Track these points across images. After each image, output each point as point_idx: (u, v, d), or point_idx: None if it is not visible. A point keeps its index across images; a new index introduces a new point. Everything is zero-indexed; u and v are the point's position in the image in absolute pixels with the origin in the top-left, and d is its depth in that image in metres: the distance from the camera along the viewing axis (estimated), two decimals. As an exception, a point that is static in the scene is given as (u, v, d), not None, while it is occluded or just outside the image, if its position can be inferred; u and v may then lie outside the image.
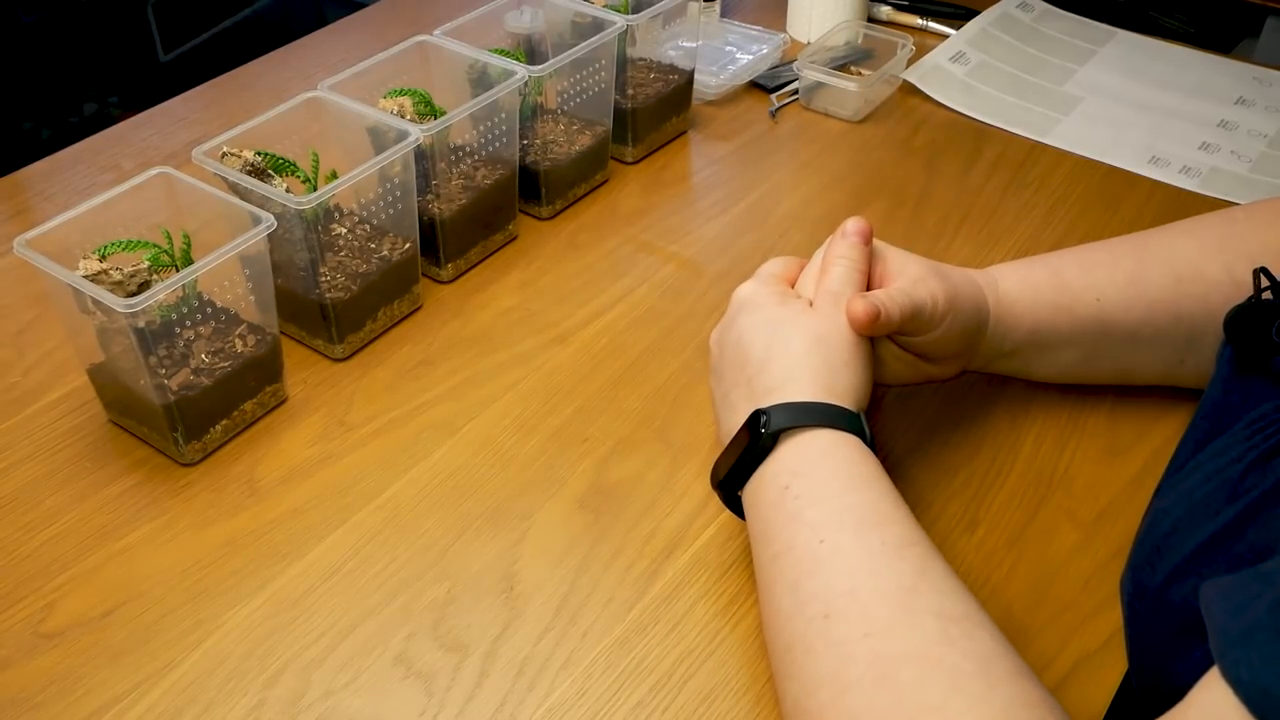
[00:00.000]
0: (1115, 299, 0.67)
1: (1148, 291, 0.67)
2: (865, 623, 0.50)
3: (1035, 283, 0.68)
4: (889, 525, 0.54)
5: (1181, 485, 0.54)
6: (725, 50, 1.11)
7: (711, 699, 0.57)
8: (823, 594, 0.52)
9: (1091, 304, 0.67)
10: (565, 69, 0.87)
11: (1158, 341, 0.68)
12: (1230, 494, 0.50)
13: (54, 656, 0.59)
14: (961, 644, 0.49)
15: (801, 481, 0.56)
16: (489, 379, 0.76)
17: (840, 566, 0.53)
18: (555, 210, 0.92)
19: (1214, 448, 0.53)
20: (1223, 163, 0.97)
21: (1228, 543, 0.49)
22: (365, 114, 0.79)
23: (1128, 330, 0.68)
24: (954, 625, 0.50)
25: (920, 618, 0.50)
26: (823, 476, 0.56)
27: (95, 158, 0.97)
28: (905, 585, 0.51)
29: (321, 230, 0.76)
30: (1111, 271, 0.68)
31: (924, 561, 0.53)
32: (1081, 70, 1.11)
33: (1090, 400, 0.74)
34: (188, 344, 0.70)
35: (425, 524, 0.66)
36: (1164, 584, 0.51)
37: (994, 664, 0.48)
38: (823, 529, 0.54)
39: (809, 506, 0.55)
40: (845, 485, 0.56)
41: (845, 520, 0.54)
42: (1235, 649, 0.39)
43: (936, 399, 0.74)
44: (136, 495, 0.68)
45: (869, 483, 0.56)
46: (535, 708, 0.57)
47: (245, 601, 0.62)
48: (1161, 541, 0.52)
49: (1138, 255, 0.69)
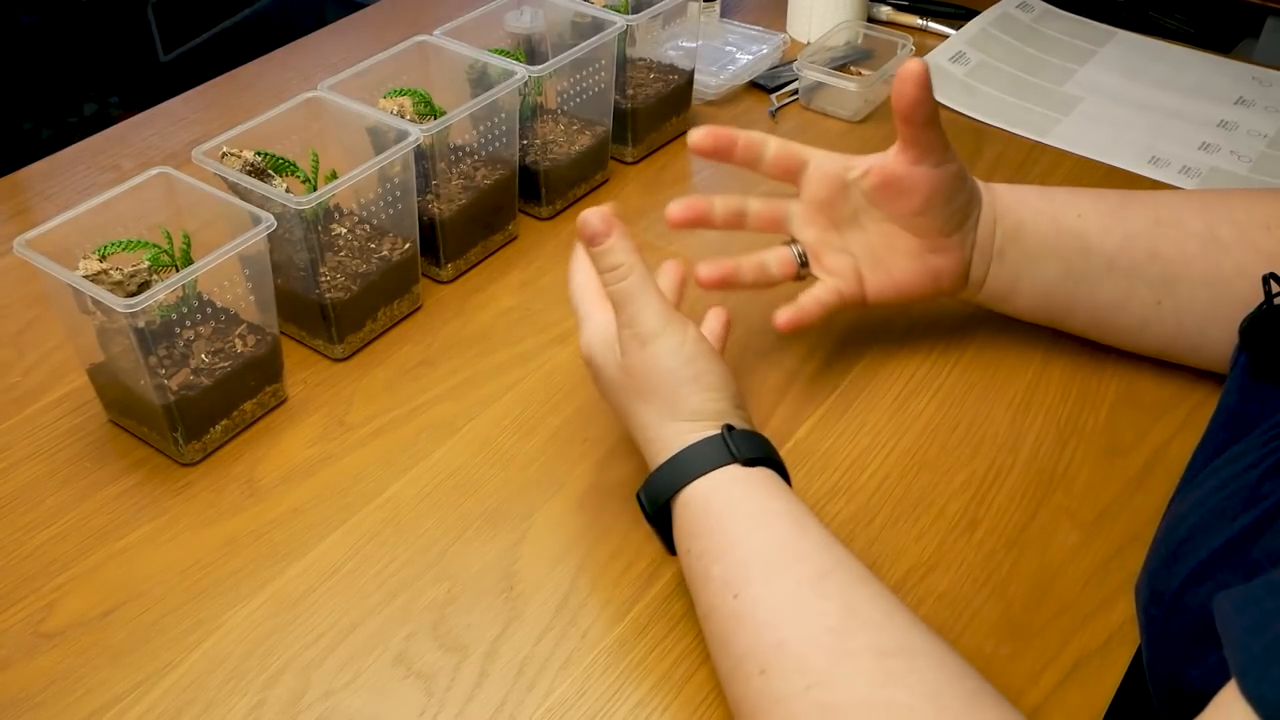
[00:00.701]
0: (1096, 220, 0.70)
1: (1127, 223, 0.70)
2: (804, 675, 0.49)
3: (1020, 190, 0.72)
4: (799, 562, 0.53)
5: (1198, 492, 0.54)
6: (725, 50, 1.11)
7: (711, 699, 0.57)
8: (753, 650, 0.51)
9: (1073, 218, 0.70)
10: (565, 69, 0.87)
11: (1133, 274, 0.69)
12: (1247, 500, 0.50)
13: (54, 656, 0.59)
14: (907, 680, 0.48)
15: (699, 541, 0.55)
16: (489, 379, 0.76)
17: (762, 618, 0.51)
18: (555, 210, 0.92)
19: (1231, 454, 0.53)
20: (1223, 163, 0.97)
21: (1244, 549, 0.48)
22: (365, 114, 0.79)
23: (1106, 255, 0.69)
24: (895, 661, 0.48)
25: (858, 660, 0.48)
26: (716, 530, 0.55)
27: (95, 158, 0.97)
28: (833, 625, 0.50)
29: (321, 230, 0.76)
30: (1096, 200, 0.71)
31: (847, 592, 0.51)
32: (1081, 70, 1.11)
33: (1090, 400, 0.74)
34: (188, 344, 0.70)
35: (425, 524, 0.66)
36: (1180, 589, 0.51)
37: (944, 695, 0.47)
38: (733, 583, 0.52)
39: (713, 563, 0.54)
40: (739, 533, 0.54)
41: (751, 569, 0.53)
42: (1257, 667, 0.39)
43: (936, 400, 0.74)
44: (136, 495, 0.68)
45: (762, 518, 0.55)
46: (535, 708, 0.57)
47: (245, 601, 0.62)
48: (1178, 547, 0.52)
49: (1123, 196, 0.72)
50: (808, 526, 0.54)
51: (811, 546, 0.53)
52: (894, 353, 0.78)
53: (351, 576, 0.63)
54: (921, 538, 0.65)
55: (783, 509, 0.55)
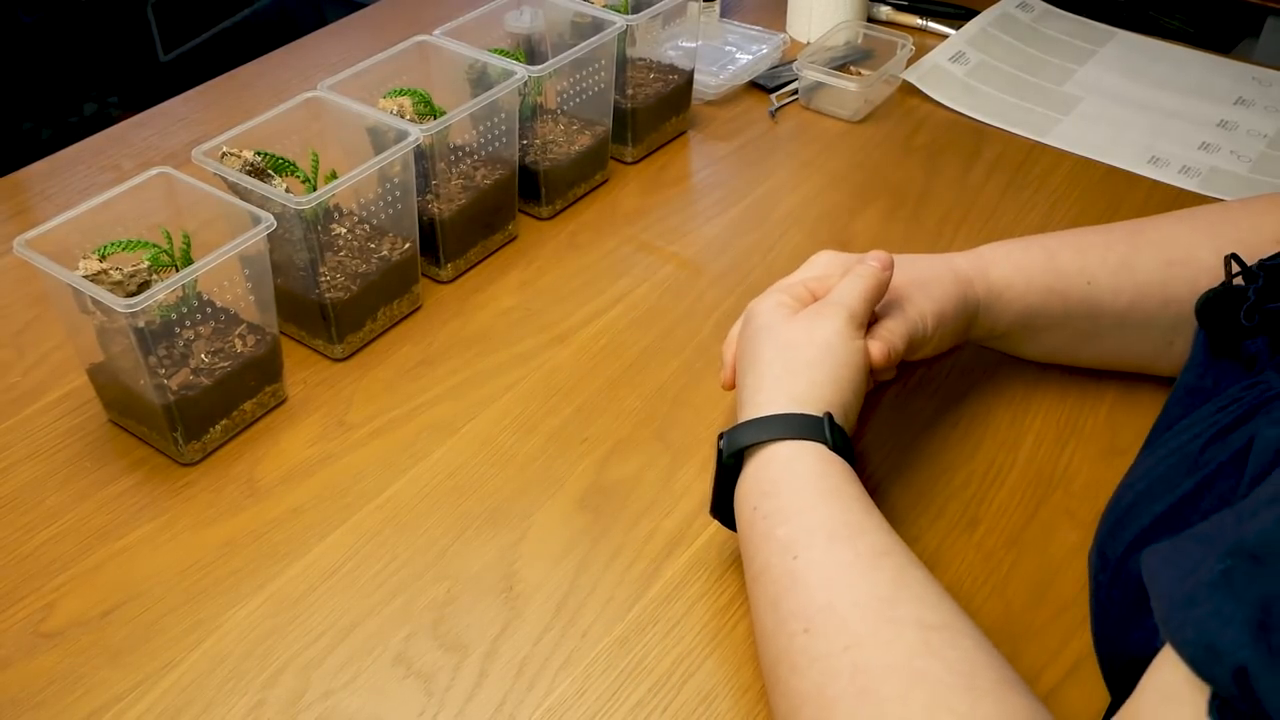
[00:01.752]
0: (1106, 283, 0.68)
1: (1138, 275, 0.68)
2: (844, 636, 0.50)
3: (1028, 267, 0.69)
4: (861, 536, 0.54)
5: (1147, 462, 0.54)
6: (725, 50, 1.11)
7: (711, 699, 0.57)
8: (801, 610, 0.52)
9: (1082, 287, 0.68)
10: (565, 69, 0.87)
11: (1146, 325, 0.69)
12: (1190, 468, 0.50)
13: (54, 656, 0.59)
14: (945, 654, 0.48)
15: (769, 500, 0.56)
16: (489, 379, 0.76)
17: (815, 581, 0.52)
18: (555, 210, 0.92)
19: (1181, 426, 0.54)
20: (1222, 163, 0.97)
21: (1184, 513, 0.49)
22: (365, 114, 0.79)
23: (1117, 314, 0.69)
24: (936, 634, 0.49)
25: (901, 628, 0.49)
26: (789, 492, 0.56)
27: (95, 158, 0.97)
28: (883, 595, 0.51)
29: (321, 230, 0.76)
30: (1104, 255, 0.69)
31: (901, 571, 0.52)
32: (1081, 70, 1.11)
33: (1090, 400, 0.74)
34: (187, 344, 0.70)
35: (425, 524, 0.66)
36: (1124, 555, 0.51)
37: (978, 675, 0.48)
38: (794, 545, 0.54)
39: (779, 524, 0.55)
40: (812, 499, 0.55)
41: (816, 535, 0.54)
42: (1179, 611, 0.38)
43: (936, 399, 0.74)
44: (136, 495, 0.68)
45: (836, 493, 0.56)
46: (535, 707, 0.57)
47: (245, 601, 0.62)
48: (1124, 514, 0.53)
49: (1131, 240, 0.70)
50: (872, 510, 0.56)
51: (875, 526, 0.55)
52: (894, 352, 0.78)
53: (351, 576, 0.63)
54: (921, 537, 0.65)
55: (854, 492, 0.57)
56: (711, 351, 0.78)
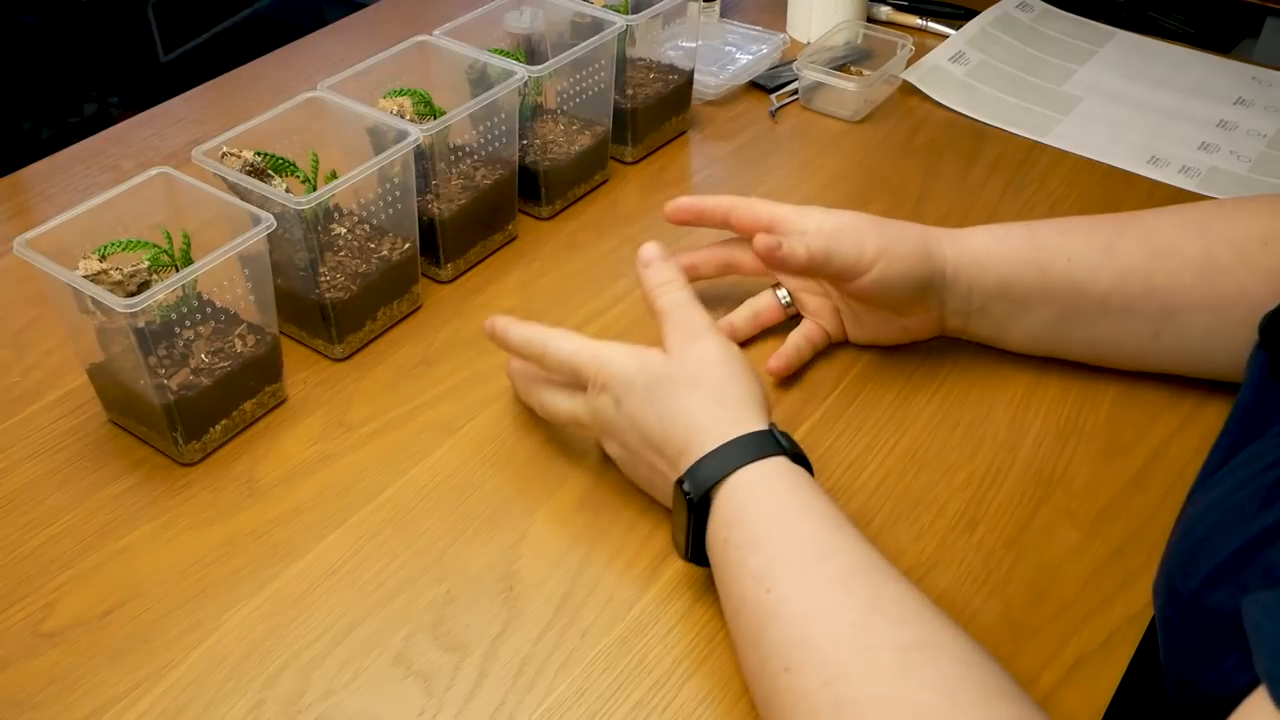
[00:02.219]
0: (1087, 261, 0.69)
1: (1120, 259, 0.69)
2: (823, 670, 0.49)
3: (1006, 239, 0.70)
4: (831, 558, 0.53)
5: (1215, 491, 0.54)
6: (725, 50, 1.11)
7: (711, 699, 0.57)
8: (779, 646, 0.51)
9: (1063, 264, 0.69)
10: (565, 69, 0.87)
11: (1129, 311, 0.69)
12: (1265, 500, 0.49)
13: (53, 656, 0.59)
14: (924, 675, 0.48)
15: (738, 530, 0.56)
16: (489, 379, 0.76)
17: (789, 614, 0.52)
18: (555, 210, 0.92)
19: (1247, 453, 0.53)
20: (1222, 163, 0.97)
21: (1263, 550, 0.48)
22: (365, 114, 0.79)
23: (1099, 295, 0.69)
24: (914, 655, 0.49)
25: (877, 655, 0.49)
26: (758, 517, 0.56)
27: (95, 158, 0.97)
28: (857, 621, 0.50)
29: (321, 230, 0.76)
30: (1087, 238, 0.70)
31: (874, 589, 0.52)
32: (1081, 70, 1.11)
33: (1090, 400, 0.74)
34: (187, 344, 0.70)
35: (425, 524, 0.66)
36: (1199, 590, 0.51)
37: (960, 692, 0.47)
38: (767, 576, 0.53)
39: (750, 553, 0.55)
40: (782, 521, 0.55)
41: (787, 562, 0.53)
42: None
43: (936, 399, 0.74)
44: (136, 495, 0.68)
45: (803, 512, 0.55)
46: (535, 707, 0.57)
47: (245, 601, 0.62)
48: (1196, 548, 0.52)
49: (1116, 228, 0.71)
50: (843, 525, 0.55)
51: (845, 543, 0.54)
52: (894, 352, 0.78)
53: (351, 576, 0.63)
54: (921, 537, 0.65)
55: (821, 506, 0.56)
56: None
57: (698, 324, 0.63)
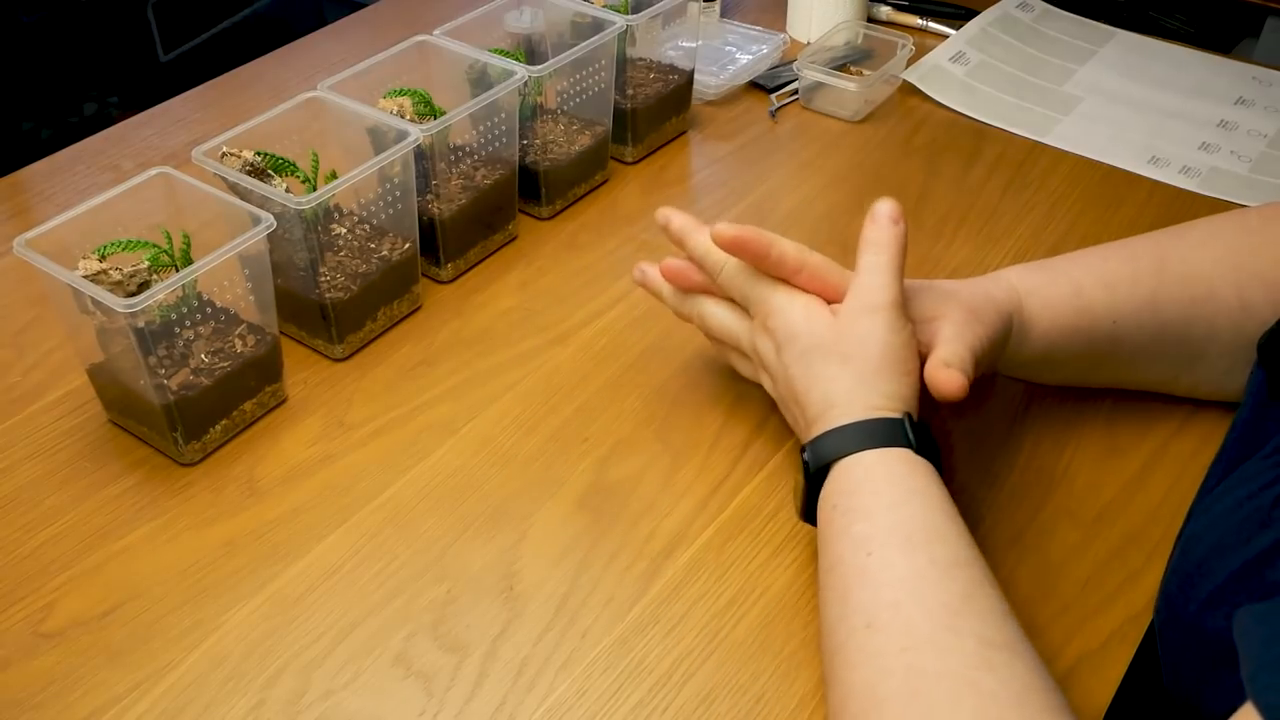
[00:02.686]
0: (1129, 320, 0.67)
1: (1161, 314, 0.67)
2: (905, 636, 0.50)
3: (1055, 305, 0.67)
4: (938, 543, 0.54)
5: (1212, 510, 0.54)
6: (725, 50, 1.11)
7: (711, 699, 0.57)
8: (868, 605, 0.52)
9: (1108, 325, 0.67)
10: (565, 69, 0.87)
11: (1161, 359, 0.69)
12: (1262, 522, 0.50)
13: (53, 656, 0.59)
14: (1001, 671, 0.48)
15: (849, 500, 0.56)
16: (489, 379, 0.76)
17: (886, 579, 0.52)
18: (555, 210, 0.92)
19: (1243, 472, 0.53)
20: (1223, 163, 0.97)
21: (1262, 571, 0.48)
22: (365, 114, 0.79)
23: (1135, 347, 0.69)
24: (995, 651, 0.49)
25: (961, 639, 0.49)
26: (869, 494, 0.56)
27: (95, 158, 0.97)
28: (950, 605, 0.51)
29: (321, 230, 0.76)
30: (1131, 291, 0.67)
31: (972, 584, 0.52)
32: (1081, 70, 1.11)
33: (1090, 400, 0.74)
34: (187, 344, 0.70)
35: (425, 524, 0.66)
36: (1197, 612, 0.51)
37: (1030, 696, 0.48)
38: (870, 542, 0.54)
39: (856, 522, 0.55)
40: (892, 500, 0.56)
41: (893, 535, 0.54)
42: (1265, 674, 0.39)
43: (936, 400, 0.74)
44: (136, 495, 0.68)
45: (917, 496, 0.56)
46: (535, 708, 0.57)
47: (245, 601, 0.62)
48: (1194, 569, 0.52)
49: (1158, 273, 0.68)
50: (954, 517, 0.56)
51: (954, 534, 0.55)
52: (894, 353, 0.78)
53: (351, 576, 0.63)
54: (921, 538, 0.65)
55: (937, 495, 0.56)
56: (712, 352, 0.78)
57: (879, 297, 0.61)
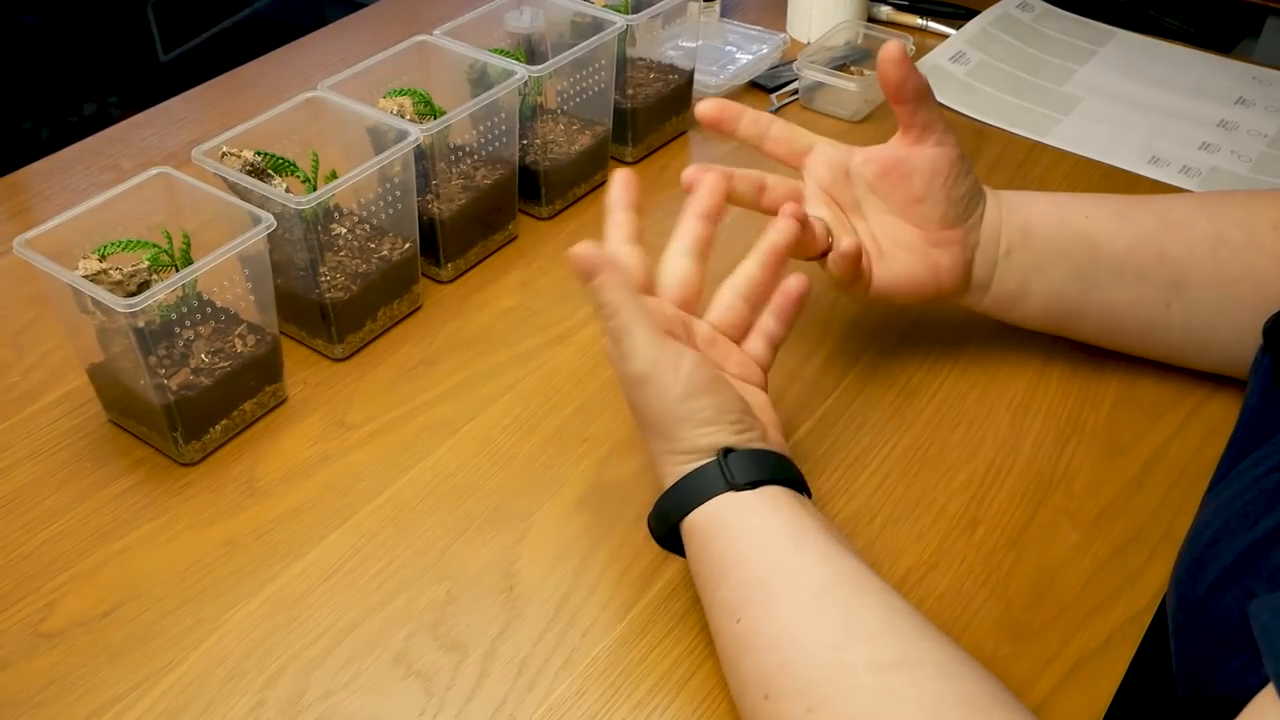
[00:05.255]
0: (1103, 222, 0.70)
1: (1134, 224, 0.69)
2: (804, 697, 0.49)
3: (1026, 193, 0.72)
4: (796, 579, 0.52)
5: (1221, 497, 0.54)
6: (725, 50, 1.11)
7: (711, 699, 0.57)
8: (758, 674, 0.51)
9: (1080, 220, 0.69)
10: (565, 69, 0.87)
11: (1142, 275, 0.69)
12: (1268, 503, 0.49)
13: (53, 656, 0.59)
14: (905, 693, 0.47)
15: (704, 566, 0.55)
16: (489, 379, 0.76)
17: (763, 642, 0.51)
18: (555, 210, 0.92)
19: (1253, 458, 0.53)
20: (1223, 163, 0.97)
21: (1268, 552, 0.48)
22: (365, 114, 0.79)
23: (1114, 256, 0.69)
24: (893, 674, 0.48)
25: (856, 676, 0.48)
26: (715, 555, 0.55)
27: (95, 158, 0.97)
28: (832, 642, 0.50)
29: (321, 230, 0.76)
30: (1100, 203, 0.71)
31: (846, 608, 0.51)
32: (1081, 70, 1.11)
33: (1090, 400, 0.74)
34: (187, 344, 0.70)
35: (425, 524, 0.66)
36: (1205, 595, 0.51)
37: (943, 708, 0.47)
38: (735, 608, 0.53)
39: (717, 588, 0.54)
40: (741, 551, 0.54)
41: (751, 592, 0.53)
42: None
43: (936, 399, 0.74)
44: (136, 495, 0.68)
45: (758, 540, 0.54)
46: (535, 707, 0.57)
47: (245, 601, 0.62)
48: (1202, 554, 0.52)
49: (1128, 199, 0.72)
50: (804, 542, 0.54)
51: (809, 562, 0.53)
52: (894, 353, 0.78)
53: (351, 576, 0.63)
54: (921, 537, 0.65)
55: (779, 526, 0.54)
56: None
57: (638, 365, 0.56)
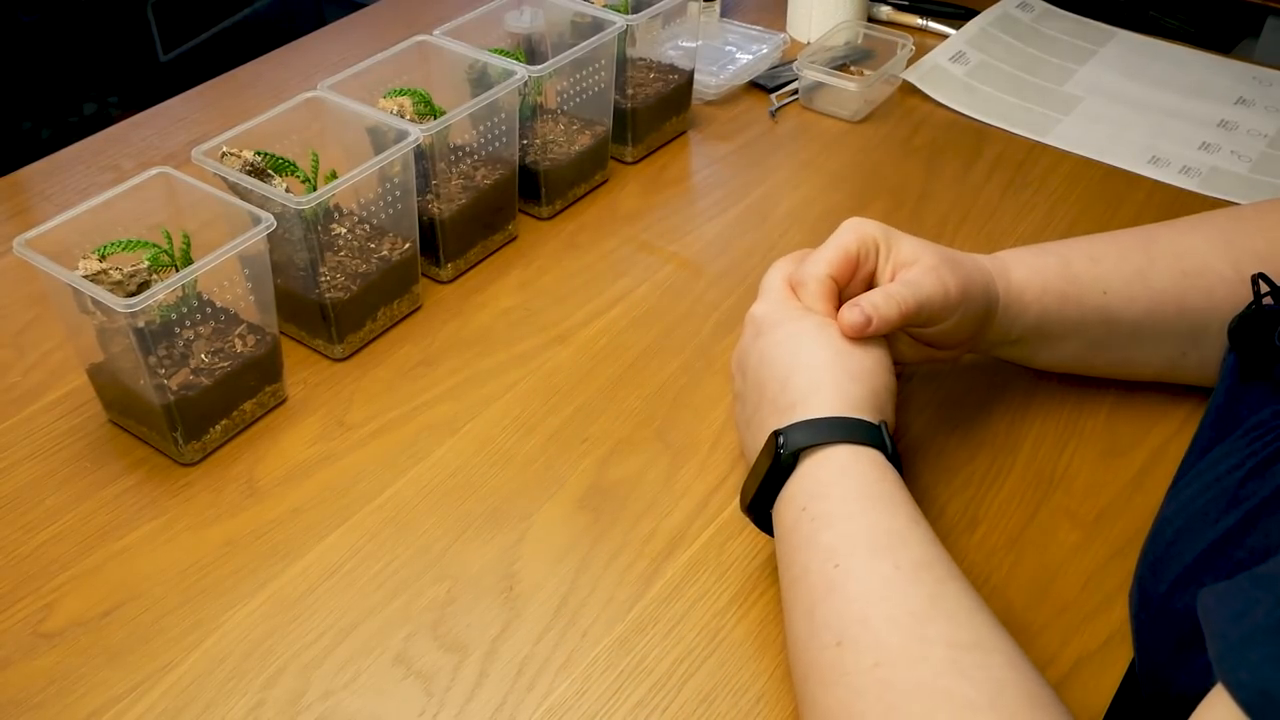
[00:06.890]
0: (1121, 292, 0.68)
1: (1153, 284, 0.67)
2: (875, 652, 0.49)
3: (1044, 271, 0.68)
4: (904, 548, 0.53)
5: (1182, 494, 0.54)
6: (725, 50, 1.11)
7: (711, 699, 0.57)
8: (835, 621, 0.51)
9: (1098, 296, 0.67)
10: (565, 69, 0.87)
11: (1161, 334, 0.69)
12: (1230, 501, 0.50)
13: (53, 656, 0.59)
14: (973, 674, 0.48)
15: (818, 503, 0.56)
16: (489, 379, 0.76)
17: (853, 592, 0.52)
18: (555, 210, 0.92)
19: (1214, 455, 0.53)
20: (1223, 163, 0.97)
21: (1228, 550, 0.48)
22: (365, 114, 0.79)
23: (1132, 322, 0.68)
24: (966, 654, 0.49)
25: (930, 647, 0.49)
26: (839, 497, 0.56)
27: (95, 158, 0.97)
28: (917, 611, 0.51)
29: (321, 230, 0.76)
30: (1119, 264, 0.68)
31: (939, 585, 0.52)
32: (1081, 70, 1.11)
33: (1090, 400, 0.74)
34: (187, 344, 0.70)
35: (425, 524, 0.66)
36: (1167, 593, 0.51)
37: (1005, 694, 0.47)
38: (837, 553, 0.53)
39: (824, 529, 0.55)
40: (861, 506, 0.55)
41: (859, 543, 0.54)
42: (1234, 654, 0.39)
43: (936, 399, 0.74)
44: (136, 495, 0.68)
45: (886, 501, 0.56)
46: (535, 708, 0.57)
47: (245, 601, 0.62)
48: (1164, 551, 0.52)
49: (1145, 249, 0.69)
50: (918, 520, 0.55)
51: (919, 537, 0.54)
52: (894, 353, 0.78)
53: (351, 576, 0.63)
54: (921, 538, 0.65)
55: (903, 500, 0.56)
56: (712, 352, 0.78)
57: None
